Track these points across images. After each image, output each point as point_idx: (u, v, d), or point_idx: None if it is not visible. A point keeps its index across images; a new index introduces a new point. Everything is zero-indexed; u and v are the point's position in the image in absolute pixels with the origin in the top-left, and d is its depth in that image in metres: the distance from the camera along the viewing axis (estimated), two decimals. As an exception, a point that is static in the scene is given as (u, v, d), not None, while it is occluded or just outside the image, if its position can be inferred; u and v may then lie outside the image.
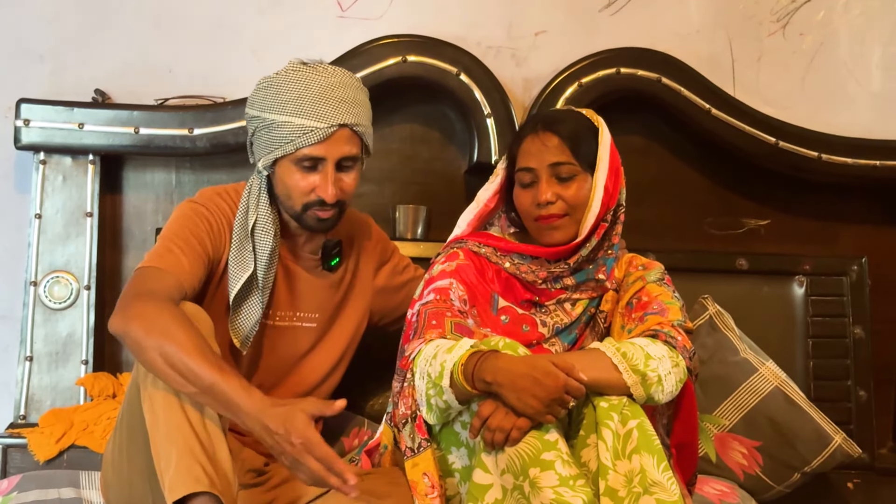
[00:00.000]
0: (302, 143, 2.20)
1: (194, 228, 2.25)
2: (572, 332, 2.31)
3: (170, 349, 1.94)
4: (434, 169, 3.17)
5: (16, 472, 2.67)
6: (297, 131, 2.20)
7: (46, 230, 2.93)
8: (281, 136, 2.21)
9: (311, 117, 2.20)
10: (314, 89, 2.21)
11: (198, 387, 1.93)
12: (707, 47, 3.28)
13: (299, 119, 2.20)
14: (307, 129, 2.19)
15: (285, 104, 2.21)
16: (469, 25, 3.19)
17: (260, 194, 2.29)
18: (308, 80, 2.22)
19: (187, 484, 1.87)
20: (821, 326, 3.14)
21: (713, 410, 2.79)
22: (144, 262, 2.17)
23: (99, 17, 3.08)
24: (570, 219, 2.25)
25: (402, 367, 2.16)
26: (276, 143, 2.22)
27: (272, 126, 2.22)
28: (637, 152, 3.15)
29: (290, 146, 2.21)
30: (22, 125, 2.90)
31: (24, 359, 2.88)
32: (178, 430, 1.93)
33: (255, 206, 2.28)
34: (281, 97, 2.22)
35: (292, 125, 2.20)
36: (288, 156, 2.22)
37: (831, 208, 3.30)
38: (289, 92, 2.22)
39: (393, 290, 2.58)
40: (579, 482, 1.88)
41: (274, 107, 2.22)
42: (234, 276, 2.25)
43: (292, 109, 2.20)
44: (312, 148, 2.21)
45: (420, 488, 2.05)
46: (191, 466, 1.89)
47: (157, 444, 1.94)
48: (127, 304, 2.05)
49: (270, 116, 2.22)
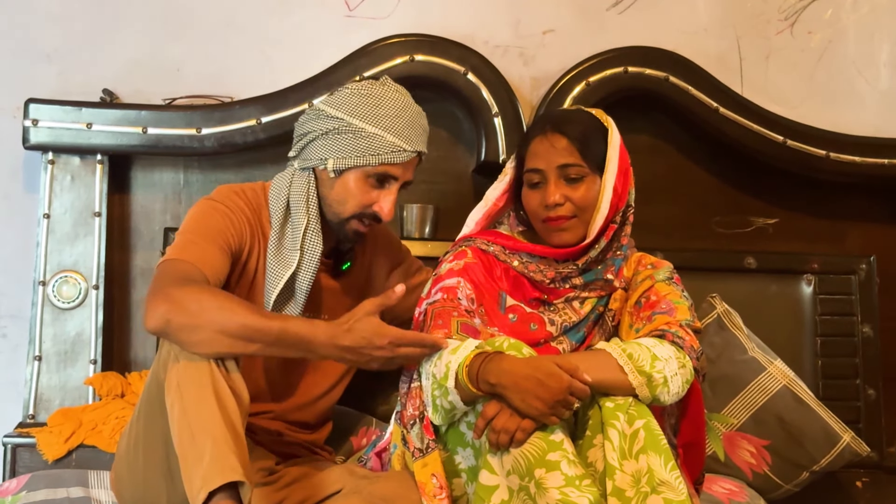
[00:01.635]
0: (388, 160, 2.23)
1: (215, 223, 2.24)
2: (580, 331, 2.31)
3: (224, 319, 1.97)
4: (442, 168, 3.17)
5: (25, 471, 2.68)
6: (388, 147, 2.23)
7: (55, 230, 2.93)
8: (368, 146, 2.23)
9: (403, 138, 2.24)
10: (409, 112, 2.27)
11: (266, 341, 1.99)
12: (715, 46, 3.28)
13: (392, 136, 2.23)
14: (396, 148, 2.23)
15: (382, 118, 2.24)
16: (476, 24, 3.19)
17: (309, 194, 2.30)
18: (405, 101, 2.27)
19: (224, 473, 1.87)
20: (829, 325, 3.14)
21: (721, 409, 2.79)
22: (168, 256, 2.16)
23: (107, 17, 3.09)
24: (579, 220, 2.25)
25: (409, 368, 2.16)
26: (358, 152, 2.23)
27: (360, 134, 2.23)
28: (645, 151, 3.15)
29: (374, 159, 2.23)
30: (30, 125, 2.90)
31: (33, 358, 2.89)
32: (213, 420, 1.92)
33: (304, 206, 2.28)
34: (379, 110, 2.24)
35: (384, 140, 2.23)
36: (367, 167, 2.25)
37: (840, 207, 3.29)
38: (388, 107, 2.24)
39: (406, 292, 2.57)
40: (585, 482, 1.88)
41: (369, 116, 2.24)
42: (274, 275, 2.26)
43: (388, 125, 2.23)
44: (392, 167, 2.25)
45: (429, 489, 2.05)
46: (226, 456, 1.89)
47: (184, 435, 1.93)
48: (161, 296, 2.03)
49: (361, 124, 2.23)
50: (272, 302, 2.24)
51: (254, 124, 2.95)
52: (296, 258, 2.25)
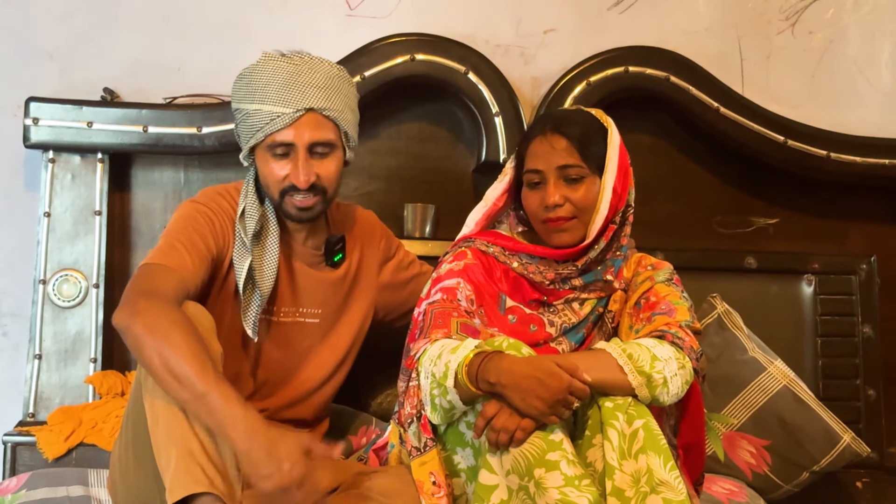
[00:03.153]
0: (270, 129, 2.23)
1: (198, 227, 2.26)
2: (580, 332, 2.31)
3: (168, 352, 1.93)
4: (442, 167, 3.17)
5: (25, 469, 2.67)
6: (266, 118, 2.23)
7: (55, 228, 2.93)
8: (252, 124, 2.25)
9: (277, 103, 2.23)
10: (281, 76, 2.24)
11: (191, 393, 1.91)
12: (716, 45, 3.28)
13: (268, 106, 2.23)
14: (274, 115, 2.23)
15: (255, 92, 2.25)
16: (477, 24, 3.18)
17: (248, 185, 2.33)
18: (277, 68, 2.25)
19: (187, 485, 1.87)
20: (829, 325, 3.14)
21: (721, 409, 2.79)
22: (149, 259, 2.17)
23: (108, 16, 3.09)
24: (578, 221, 2.25)
25: (407, 367, 2.16)
26: (249, 132, 2.26)
27: (246, 115, 2.26)
28: (646, 151, 3.15)
29: (260, 134, 2.24)
30: (31, 124, 2.90)
31: (33, 357, 2.89)
32: (178, 430, 1.93)
33: (243, 197, 2.32)
34: (252, 86, 2.26)
35: (261, 112, 2.23)
36: (260, 144, 2.26)
37: (840, 207, 3.29)
38: (259, 81, 2.25)
39: (398, 286, 2.58)
40: (585, 482, 1.88)
41: (246, 97, 2.26)
42: (238, 269, 2.28)
43: (261, 97, 2.24)
44: (281, 133, 2.24)
45: (426, 488, 2.05)
46: (190, 467, 1.89)
47: (159, 444, 1.95)
48: (132, 301, 2.04)
49: (244, 106, 2.27)
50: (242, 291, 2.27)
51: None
52: (248, 254, 2.27)
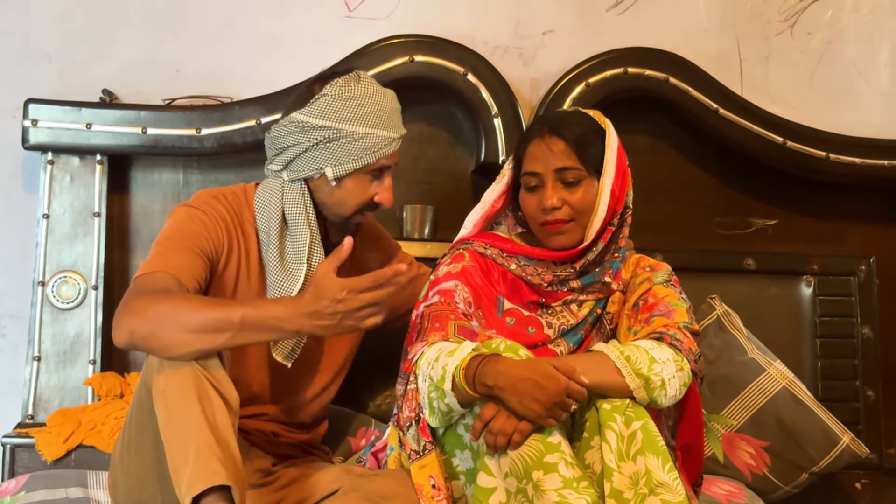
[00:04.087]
0: (382, 154, 2.25)
1: (191, 232, 2.23)
2: (578, 333, 2.31)
3: (183, 318, 1.96)
4: (441, 168, 3.17)
5: (24, 471, 2.68)
6: (381, 142, 2.25)
7: (54, 230, 2.93)
8: (363, 147, 2.23)
9: (390, 128, 2.27)
10: (387, 101, 2.29)
11: (232, 329, 1.96)
12: (715, 47, 3.28)
13: (381, 131, 2.25)
14: (388, 140, 2.26)
15: (367, 116, 2.24)
16: (476, 25, 3.18)
17: (307, 207, 2.28)
18: (379, 93, 2.28)
19: (207, 478, 1.87)
20: (829, 326, 3.14)
21: (721, 410, 2.79)
22: (139, 272, 2.16)
23: (106, 17, 3.09)
24: (576, 224, 2.25)
25: (405, 370, 2.16)
26: (355, 155, 2.24)
27: (353, 137, 2.23)
28: (644, 152, 3.15)
29: (371, 157, 2.24)
30: (30, 125, 2.90)
31: (32, 358, 2.89)
32: (196, 425, 1.92)
33: (305, 222, 2.27)
34: (363, 109, 2.24)
35: (375, 136, 2.24)
36: (366, 167, 2.26)
37: (839, 208, 3.29)
38: (369, 104, 2.24)
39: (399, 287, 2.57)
40: (583, 484, 1.88)
41: (356, 119, 2.23)
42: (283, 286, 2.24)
43: (374, 121, 2.24)
44: (389, 158, 2.28)
45: (426, 491, 2.05)
46: (209, 461, 1.89)
47: (172, 441, 1.94)
48: (123, 312, 2.03)
49: (351, 128, 2.23)
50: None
51: (253, 125, 2.94)
52: (303, 272, 2.24)
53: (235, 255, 2.31)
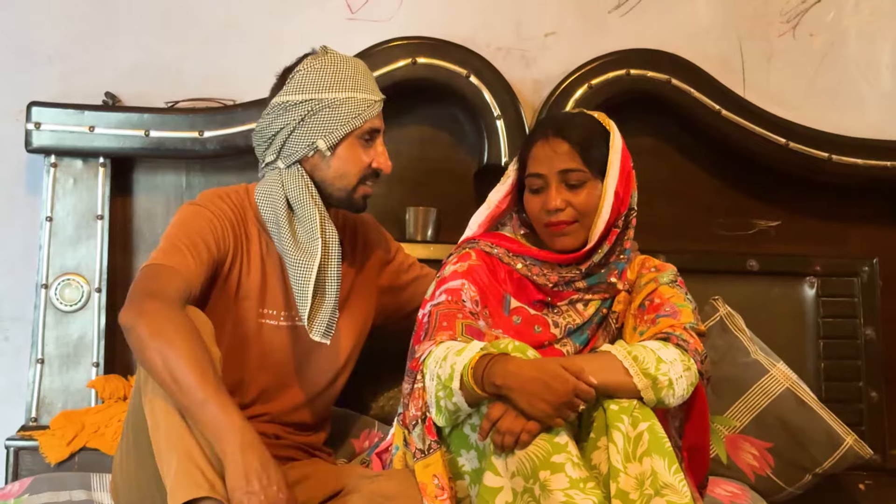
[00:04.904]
0: (367, 115, 2.28)
1: (199, 229, 2.25)
2: (584, 333, 2.31)
3: (171, 356, 1.94)
4: (444, 170, 3.17)
5: (27, 474, 2.68)
6: (364, 104, 2.28)
7: (57, 233, 2.93)
8: (348, 111, 2.26)
9: (369, 91, 2.30)
10: (360, 67, 2.34)
11: (190, 399, 1.92)
12: (717, 48, 3.28)
13: (361, 94, 2.28)
14: (370, 102, 2.29)
15: (345, 80, 2.28)
16: (478, 27, 3.18)
17: (309, 187, 2.29)
18: (349, 59, 2.34)
19: (187, 489, 1.87)
20: (832, 327, 3.14)
21: (724, 412, 2.79)
22: (153, 260, 2.17)
23: (108, 20, 3.09)
24: (580, 225, 2.25)
25: (412, 369, 2.16)
26: (343, 120, 2.27)
27: (335, 104, 2.26)
28: (647, 153, 3.14)
29: (358, 119, 2.27)
30: (33, 128, 2.90)
31: (36, 361, 2.89)
32: (178, 434, 1.93)
33: (310, 200, 2.27)
34: (339, 75, 2.28)
35: (356, 100, 2.27)
36: (355, 131, 2.28)
37: (842, 209, 3.29)
38: (344, 70, 2.29)
39: (398, 289, 2.58)
40: (590, 484, 1.88)
41: (334, 85, 2.27)
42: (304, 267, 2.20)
43: (352, 85, 2.28)
44: (374, 120, 2.30)
45: (430, 490, 2.05)
46: (190, 471, 1.89)
47: (159, 448, 1.95)
48: (138, 301, 2.05)
49: (331, 95, 2.27)
50: (309, 298, 2.19)
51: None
52: (318, 246, 2.22)
53: (239, 254, 2.32)
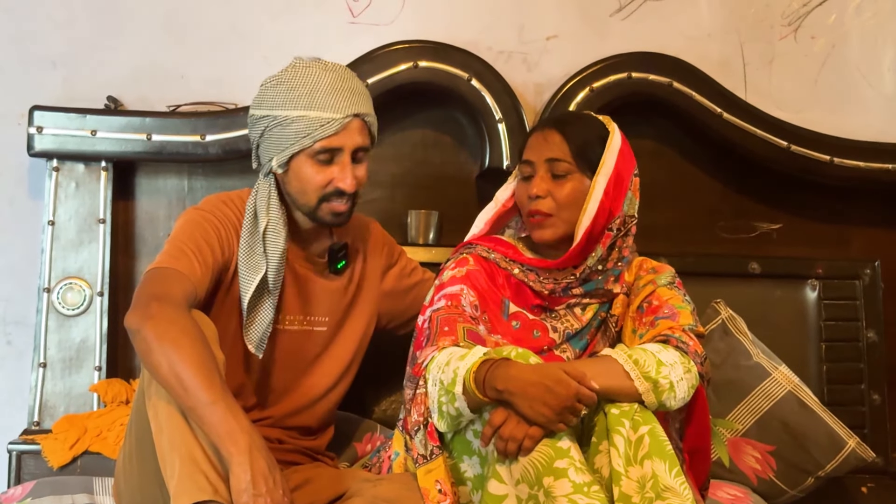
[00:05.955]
0: (319, 136, 2.22)
1: (204, 235, 2.25)
2: (583, 338, 2.31)
3: (177, 359, 1.94)
4: (446, 174, 3.16)
5: (30, 478, 2.68)
6: (314, 123, 2.21)
7: (59, 237, 2.93)
8: (296, 130, 2.22)
9: (326, 109, 2.22)
10: (325, 82, 2.24)
11: (196, 402, 1.92)
12: (718, 51, 3.28)
13: (315, 112, 2.21)
14: (324, 121, 2.21)
15: (298, 98, 2.22)
16: (480, 30, 3.18)
17: (270, 197, 2.29)
18: (317, 74, 2.25)
19: (191, 493, 1.87)
20: (834, 330, 3.13)
21: (726, 415, 2.79)
22: (159, 263, 2.17)
23: (111, 24, 3.09)
24: (557, 219, 2.25)
25: (414, 374, 2.16)
26: (291, 139, 2.23)
27: (286, 122, 2.23)
28: (649, 156, 3.14)
29: (307, 140, 2.22)
30: (35, 132, 2.91)
31: (38, 365, 2.89)
32: (181, 437, 1.93)
33: (265, 209, 2.28)
34: (293, 93, 2.23)
35: (308, 118, 2.21)
36: (305, 150, 2.23)
37: (844, 212, 3.28)
38: (301, 87, 2.23)
39: (401, 294, 2.58)
40: (593, 489, 1.88)
41: (286, 103, 2.23)
42: (245, 280, 2.24)
43: (306, 103, 2.22)
44: (330, 139, 2.23)
45: (432, 495, 2.05)
46: (193, 475, 1.89)
47: (163, 452, 1.95)
48: (145, 303, 2.04)
49: (283, 113, 2.23)
50: (246, 306, 2.23)
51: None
52: (264, 262, 2.24)
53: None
